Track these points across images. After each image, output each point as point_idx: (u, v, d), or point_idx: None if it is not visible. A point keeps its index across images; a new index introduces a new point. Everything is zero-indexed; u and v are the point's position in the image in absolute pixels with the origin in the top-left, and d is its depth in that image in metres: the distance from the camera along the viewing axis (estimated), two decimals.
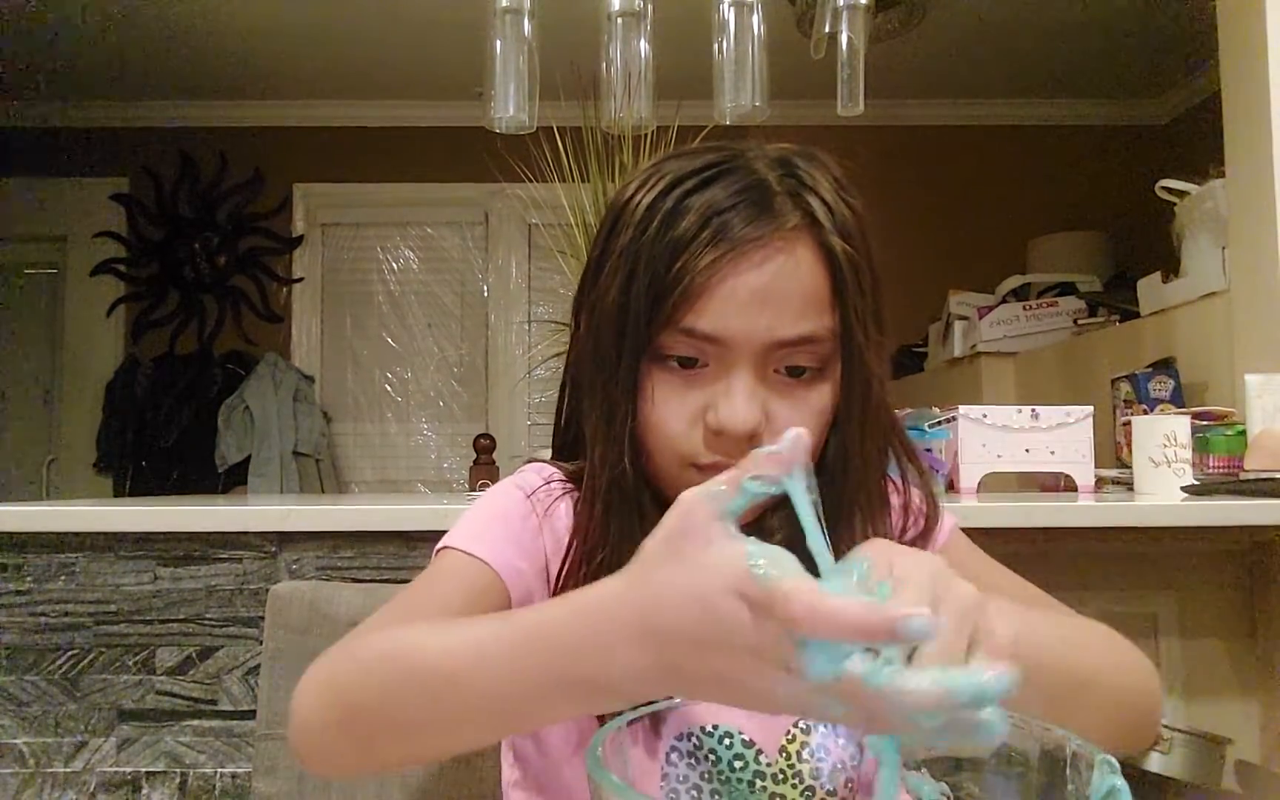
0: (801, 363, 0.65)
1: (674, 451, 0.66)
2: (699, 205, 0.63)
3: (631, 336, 0.64)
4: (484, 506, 0.71)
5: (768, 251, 0.62)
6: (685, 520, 0.42)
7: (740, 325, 0.62)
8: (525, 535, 0.68)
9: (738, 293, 0.62)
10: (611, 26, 1.78)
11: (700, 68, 1.83)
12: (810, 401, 0.66)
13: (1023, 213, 3.80)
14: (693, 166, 0.65)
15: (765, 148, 0.68)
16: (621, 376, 0.65)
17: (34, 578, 1.41)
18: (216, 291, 3.99)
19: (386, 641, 0.53)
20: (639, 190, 0.67)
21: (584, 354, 0.70)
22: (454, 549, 0.66)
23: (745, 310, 0.62)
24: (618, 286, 0.65)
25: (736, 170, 0.65)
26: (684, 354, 0.64)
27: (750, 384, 0.63)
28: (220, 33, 3.38)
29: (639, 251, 0.64)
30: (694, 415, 0.65)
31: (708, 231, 0.62)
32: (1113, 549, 1.49)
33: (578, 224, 1.65)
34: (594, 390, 0.68)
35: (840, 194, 0.66)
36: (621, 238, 0.66)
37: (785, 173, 0.65)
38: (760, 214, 0.63)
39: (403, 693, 0.50)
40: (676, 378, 0.65)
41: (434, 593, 0.64)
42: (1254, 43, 1.84)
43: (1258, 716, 1.53)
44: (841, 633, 0.36)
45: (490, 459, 2.05)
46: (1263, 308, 1.85)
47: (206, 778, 1.40)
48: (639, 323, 0.64)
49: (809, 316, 0.64)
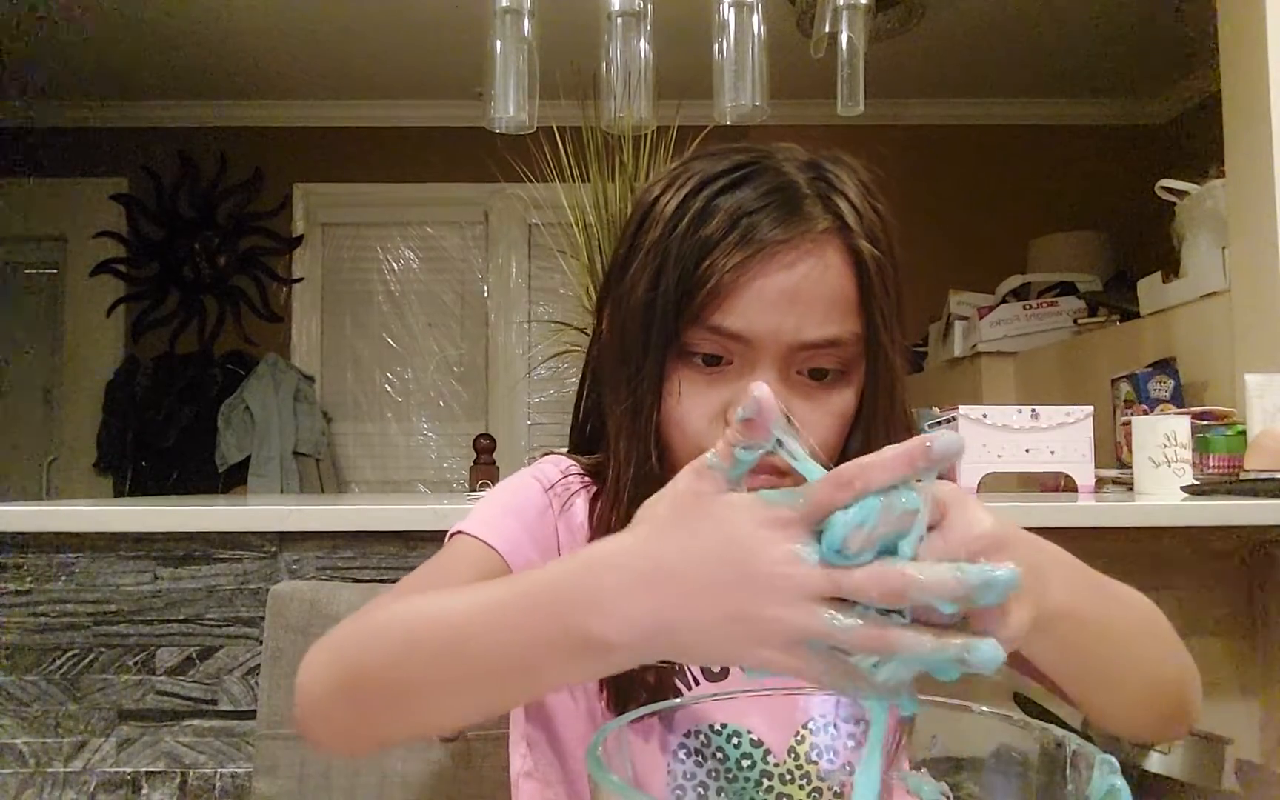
0: (825, 365, 0.65)
1: (696, 448, 0.65)
2: (728, 206, 0.63)
3: (658, 332, 0.65)
4: (500, 495, 0.72)
5: (797, 254, 0.63)
6: (695, 485, 0.44)
7: (766, 325, 0.63)
8: (539, 526, 0.69)
9: (765, 293, 0.63)
10: (611, 26, 1.78)
11: (700, 68, 1.83)
12: (831, 404, 0.66)
13: (1023, 213, 3.80)
14: (721, 167, 0.65)
15: (794, 150, 0.68)
16: (647, 372, 0.66)
17: (34, 578, 1.41)
18: (216, 291, 3.99)
19: (391, 611, 0.54)
20: (667, 189, 0.67)
21: (608, 350, 0.70)
22: (467, 534, 0.67)
23: (772, 310, 0.63)
24: (645, 283, 0.66)
25: (765, 172, 0.65)
26: (710, 351, 0.65)
27: (772, 383, 0.63)
28: (220, 33, 3.38)
29: (668, 249, 0.64)
30: (716, 412, 0.65)
31: (736, 232, 0.62)
32: (1113, 549, 1.49)
33: (578, 224, 1.64)
34: (619, 385, 0.68)
35: (867, 198, 0.67)
36: (650, 234, 0.66)
37: (815, 176, 0.66)
38: (789, 216, 0.63)
39: (408, 654, 0.50)
40: (701, 375, 0.66)
41: (442, 575, 0.65)
42: (1254, 43, 1.84)
43: (1258, 716, 1.53)
44: (885, 471, 0.40)
45: (490, 459, 2.05)
46: (1263, 308, 1.85)
47: (206, 778, 1.40)
48: (666, 319, 0.64)
49: (834, 319, 0.64)
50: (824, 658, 0.41)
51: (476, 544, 0.66)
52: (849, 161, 0.69)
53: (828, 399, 0.66)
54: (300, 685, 0.55)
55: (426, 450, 4.04)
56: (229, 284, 4.00)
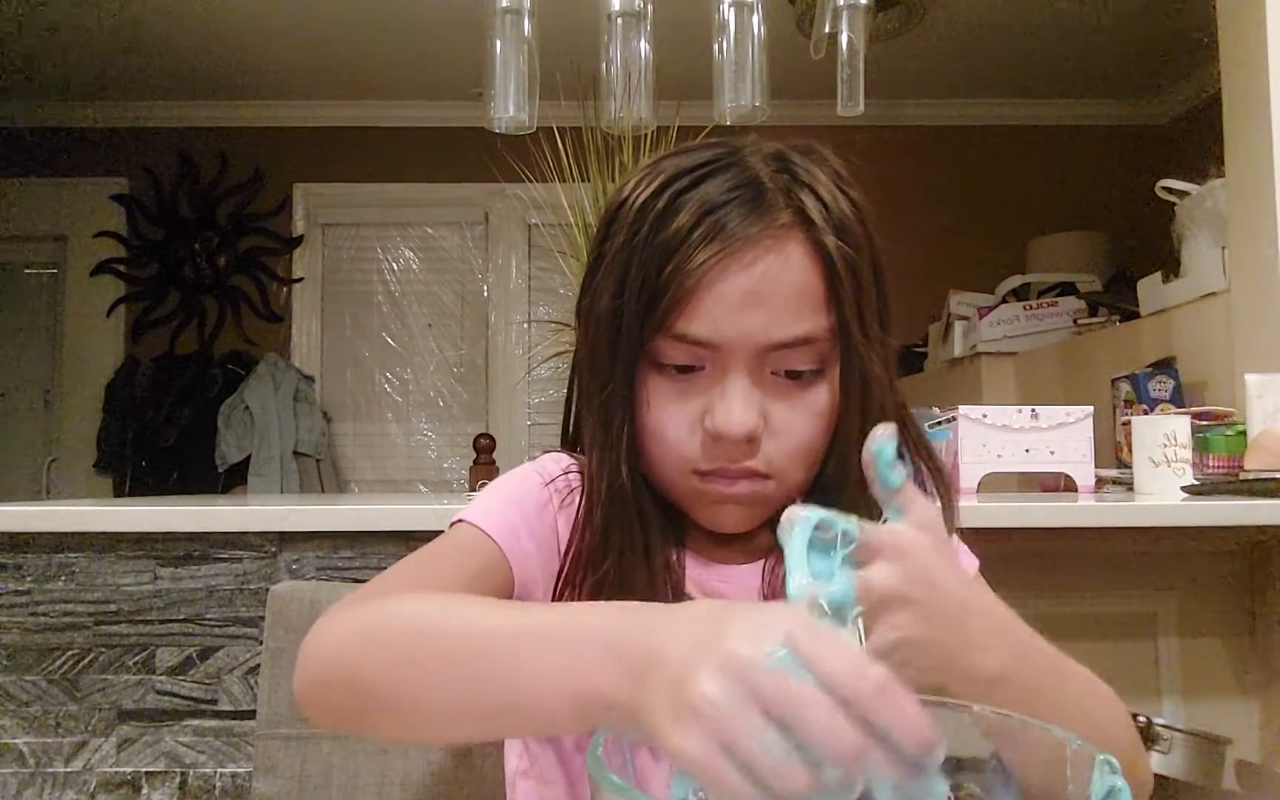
0: (798, 366, 0.64)
1: (676, 457, 0.65)
2: (692, 203, 0.62)
3: (625, 343, 0.64)
4: (501, 487, 0.71)
5: (758, 251, 0.61)
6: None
7: (733, 329, 0.61)
8: (538, 521, 0.68)
9: (728, 295, 0.61)
10: (611, 26, 1.78)
11: (700, 68, 1.83)
12: (809, 403, 0.65)
13: (1023, 213, 3.80)
14: (689, 164, 0.64)
15: (763, 144, 0.67)
16: (617, 383, 0.65)
17: (34, 578, 1.41)
18: (216, 291, 3.99)
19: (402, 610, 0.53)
20: (635, 189, 0.66)
21: (582, 360, 0.70)
22: (467, 522, 0.66)
23: (737, 313, 0.61)
24: (610, 291, 0.65)
25: (731, 166, 0.63)
26: (679, 361, 0.64)
27: (746, 387, 0.62)
28: (220, 33, 3.38)
29: (631, 255, 0.63)
30: (692, 421, 0.64)
31: (700, 229, 0.61)
32: (1113, 549, 1.49)
33: (578, 224, 1.65)
34: (591, 396, 0.67)
35: (839, 188, 0.65)
36: (616, 240, 0.65)
37: (779, 168, 0.64)
38: (752, 211, 0.61)
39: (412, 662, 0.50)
40: (672, 384, 0.64)
41: (442, 562, 0.65)
42: (1254, 43, 1.84)
43: (1258, 716, 1.53)
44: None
45: (490, 459, 2.05)
46: (1263, 308, 1.85)
47: (206, 778, 1.40)
48: (633, 329, 0.63)
49: (804, 317, 0.62)
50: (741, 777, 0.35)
51: (476, 533, 0.66)
52: (821, 152, 0.67)
53: (805, 399, 0.64)
54: (305, 651, 0.55)
55: (426, 450, 4.04)
56: (229, 284, 3.99)
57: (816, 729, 0.34)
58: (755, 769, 0.34)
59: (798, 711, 0.34)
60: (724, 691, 0.35)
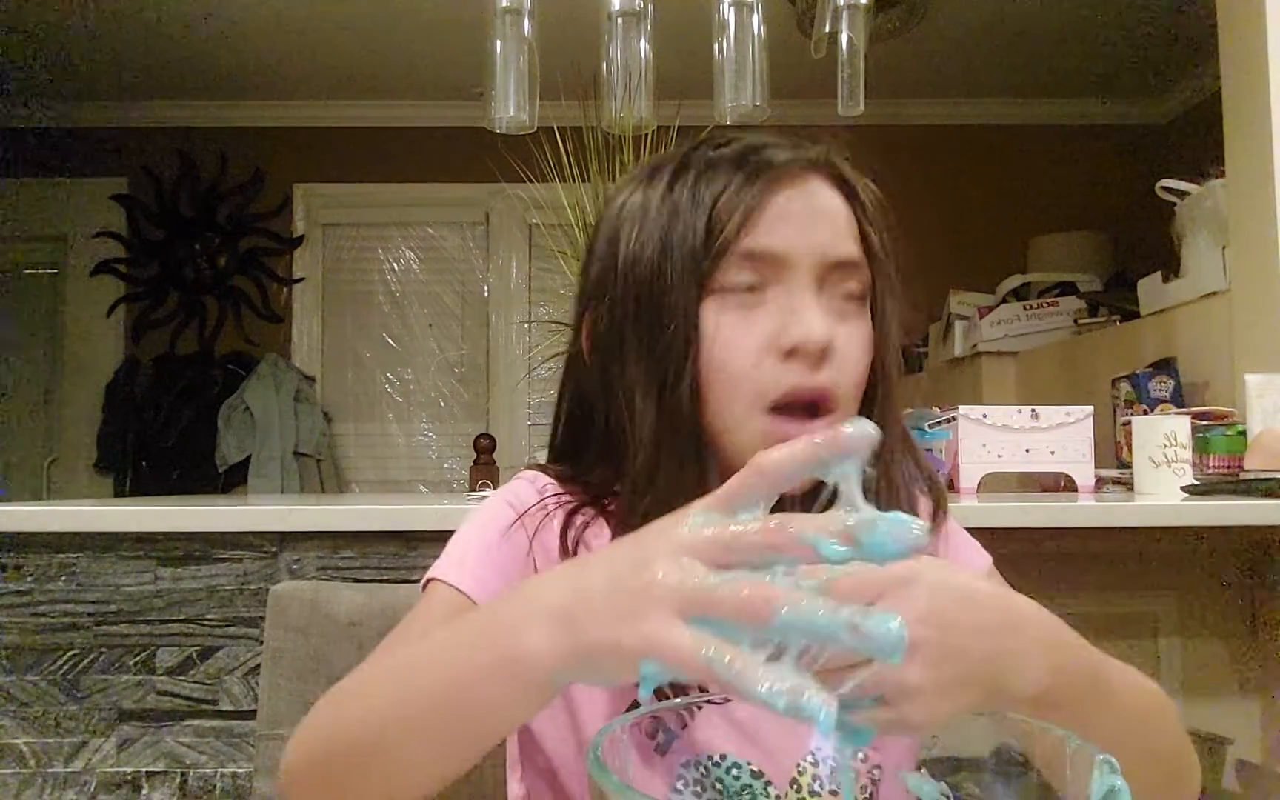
0: (853, 288, 0.66)
1: (747, 389, 0.63)
2: (732, 151, 0.65)
3: (682, 282, 0.63)
4: (469, 533, 0.69)
5: (806, 174, 0.65)
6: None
7: (803, 241, 0.63)
8: (511, 562, 0.67)
9: (790, 210, 0.64)
10: (611, 26, 1.78)
11: (700, 68, 1.83)
12: (863, 332, 0.66)
13: (1023, 213, 3.80)
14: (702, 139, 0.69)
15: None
16: (677, 324, 0.63)
17: (34, 578, 1.41)
18: (217, 292, 3.99)
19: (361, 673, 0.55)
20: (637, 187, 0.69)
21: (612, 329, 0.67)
22: (440, 581, 0.65)
23: (801, 226, 0.64)
24: (655, 240, 0.65)
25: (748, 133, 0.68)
26: (746, 280, 0.64)
27: (817, 299, 0.64)
28: (220, 33, 3.38)
29: (678, 200, 0.65)
30: (761, 345, 0.63)
31: (748, 166, 0.64)
32: (1113, 549, 1.49)
33: (578, 224, 1.65)
34: (638, 359, 0.65)
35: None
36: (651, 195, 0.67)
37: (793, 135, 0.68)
38: (791, 146, 0.65)
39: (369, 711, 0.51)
40: (736, 312, 0.64)
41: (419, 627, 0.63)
42: (1254, 43, 1.84)
43: (1258, 716, 1.53)
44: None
45: (490, 459, 2.05)
46: (1263, 308, 1.85)
47: (206, 778, 1.40)
48: (693, 261, 0.63)
49: (852, 238, 0.66)
50: (706, 643, 0.37)
51: (451, 592, 0.64)
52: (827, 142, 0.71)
53: (859, 325, 0.66)
54: (282, 766, 0.54)
55: (427, 450, 4.04)
56: (229, 284, 4.00)
57: (756, 541, 0.38)
58: (724, 610, 0.37)
59: (738, 540, 0.39)
60: (672, 565, 0.39)
